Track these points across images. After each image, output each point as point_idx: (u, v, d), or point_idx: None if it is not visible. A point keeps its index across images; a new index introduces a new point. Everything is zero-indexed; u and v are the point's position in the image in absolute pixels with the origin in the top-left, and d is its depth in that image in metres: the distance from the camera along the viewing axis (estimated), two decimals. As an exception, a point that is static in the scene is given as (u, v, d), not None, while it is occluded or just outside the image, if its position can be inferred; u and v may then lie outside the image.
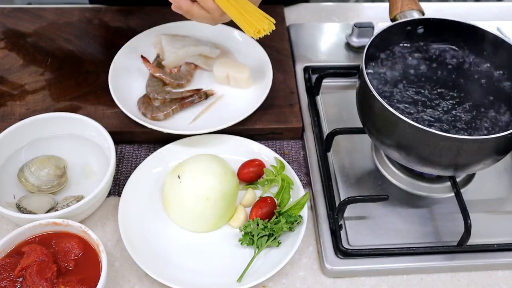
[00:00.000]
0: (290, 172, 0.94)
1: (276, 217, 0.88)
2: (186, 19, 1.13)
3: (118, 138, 0.97)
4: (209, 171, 0.88)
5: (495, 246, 0.88)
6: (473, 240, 0.85)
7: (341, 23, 1.24)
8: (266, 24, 0.86)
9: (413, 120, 0.79)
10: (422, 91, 0.89)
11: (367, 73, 0.86)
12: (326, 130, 1.03)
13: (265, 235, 0.85)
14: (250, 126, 1.00)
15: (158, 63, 1.08)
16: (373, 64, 0.92)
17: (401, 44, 0.95)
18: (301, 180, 0.94)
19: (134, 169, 0.93)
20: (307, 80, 1.11)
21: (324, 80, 1.07)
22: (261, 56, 1.08)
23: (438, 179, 0.95)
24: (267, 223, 0.86)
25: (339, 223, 0.89)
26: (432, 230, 0.90)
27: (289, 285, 0.85)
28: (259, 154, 0.97)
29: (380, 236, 0.89)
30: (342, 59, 1.16)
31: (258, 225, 0.86)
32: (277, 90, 1.06)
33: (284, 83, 1.08)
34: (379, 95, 0.82)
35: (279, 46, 1.15)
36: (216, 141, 0.98)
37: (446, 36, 0.95)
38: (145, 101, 1.01)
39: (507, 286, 0.87)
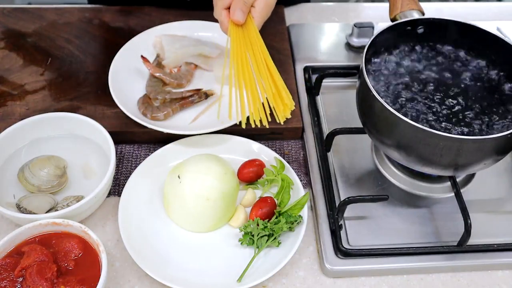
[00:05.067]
0: (290, 172, 0.94)
1: (276, 217, 0.88)
2: (186, 19, 1.15)
3: (118, 138, 0.97)
4: (209, 171, 0.88)
5: (495, 246, 0.88)
6: (473, 240, 0.85)
7: (341, 23, 1.24)
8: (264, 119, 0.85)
9: (413, 120, 0.79)
10: (422, 91, 0.89)
11: (367, 73, 0.86)
12: (326, 130, 1.03)
13: (265, 235, 0.85)
14: (250, 126, 1.00)
15: (158, 63, 1.08)
16: (373, 64, 0.92)
17: (401, 44, 0.95)
18: (301, 180, 0.94)
19: (134, 169, 0.93)
20: (307, 80, 1.11)
21: (324, 80, 1.07)
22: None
23: (438, 179, 0.95)
24: (267, 223, 0.86)
25: (339, 223, 0.89)
26: (432, 230, 0.90)
27: (289, 285, 0.85)
28: (259, 154, 0.97)
29: (380, 236, 0.89)
30: (342, 59, 1.16)
31: (258, 225, 0.86)
32: (277, 90, 1.06)
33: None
34: (379, 95, 0.82)
35: (279, 46, 1.15)
36: (216, 141, 0.98)
37: (446, 36, 0.95)
38: (145, 101, 1.01)
39: (507, 286, 0.87)
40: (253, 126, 0.86)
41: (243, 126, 0.86)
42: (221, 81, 1.05)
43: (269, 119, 0.86)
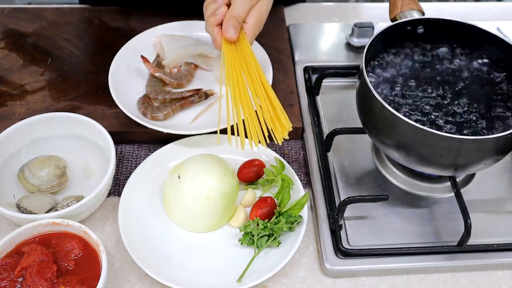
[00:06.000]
0: (290, 172, 0.94)
1: (276, 217, 0.88)
2: (186, 19, 1.15)
3: (118, 138, 0.97)
4: (209, 171, 0.88)
5: (495, 246, 0.88)
6: (473, 240, 0.85)
7: (341, 23, 1.24)
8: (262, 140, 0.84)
9: (413, 120, 0.79)
10: (422, 90, 0.89)
11: (367, 73, 0.86)
12: (326, 130, 1.03)
13: (265, 235, 0.85)
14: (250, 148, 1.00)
15: (158, 63, 1.08)
16: (373, 64, 0.93)
17: (401, 44, 0.95)
18: (301, 180, 0.94)
19: (134, 169, 0.93)
20: (307, 80, 1.11)
21: (324, 80, 1.07)
22: (261, 56, 1.08)
23: (438, 179, 0.95)
24: (267, 223, 0.86)
25: (339, 223, 0.89)
26: (432, 230, 0.90)
27: (289, 285, 0.85)
28: (259, 154, 0.97)
29: (380, 236, 0.89)
30: (342, 59, 1.16)
31: (258, 225, 0.86)
32: (277, 90, 1.05)
33: (284, 83, 1.08)
34: (379, 95, 0.82)
35: (279, 46, 1.15)
36: (216, 141, 0.97)
37: (446, 36, 0.95)
38: (145, 101, 1.01)
39: (507, 286, 0.87)
40: (252, 149, 0.86)
41: (242, 149, 0.85)
42: (220, 82, 1.06)
43: (268, 141, 0.85)
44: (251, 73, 0.88)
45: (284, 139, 0.86)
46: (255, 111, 0.86)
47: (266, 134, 0.85)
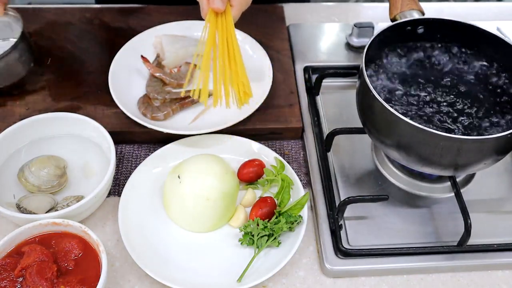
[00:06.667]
0: (290, 172, 0.94)
1: (276, 217, 0.88)
2: (187, 19, 1.15)
3: (118, 138, 0.97)
4: (209, 171, 0.88)
5: (495, 246, 0.88)
6: (473, 240, 0.85)
7: (341, 23, 1.24)
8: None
9: (413, 120, 0.79)
10: (422, 91, 0.89)
11: (367, 73, 0.86)
12: (326, 130, 1.03)
13: (265, 235, 0.85)
14: (250, 126, 1.00)
15: (158, 63, 1.08)
16: (373, 64, 0.92)
17: (401, 44, 0.95)
18: (301, 180, 0.94)
19: (134, 169, 0.93)
20: (307, 80, 1.11)
21: (324, 80, 1.07)
22: (261, 56, 1.08)
23: (438, 179, 0.95)
24: (267, 223, 0.86)
25: (339, 223, 0.89)
26: (432, 230, 0.91)
27: (289, 285, 0.85)
28: (259, 154, 0.97)
29: (380, 236, 0.89)
30: (342, 59, 1.16)
31: (258, 225, 0.86)
32: (277, 90, 1.06)
33: (284, 83, 1.08)
34: (378, 95, 0.82)
35: (279, 46, 1.15)
36: (216, 141, 0.98)
37: (446, 36, 0.95)
38: (145, 101, 1.01)
39: (507, 286, 0.87)
40: (214, 105, 0.92)
41: (205, 104, 0.93)
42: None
43: (243, 102, 0.94)
44: (229, 46, 0.93)
45: (245, 105, 0.96)
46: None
47: (237, 97, 0.94)
